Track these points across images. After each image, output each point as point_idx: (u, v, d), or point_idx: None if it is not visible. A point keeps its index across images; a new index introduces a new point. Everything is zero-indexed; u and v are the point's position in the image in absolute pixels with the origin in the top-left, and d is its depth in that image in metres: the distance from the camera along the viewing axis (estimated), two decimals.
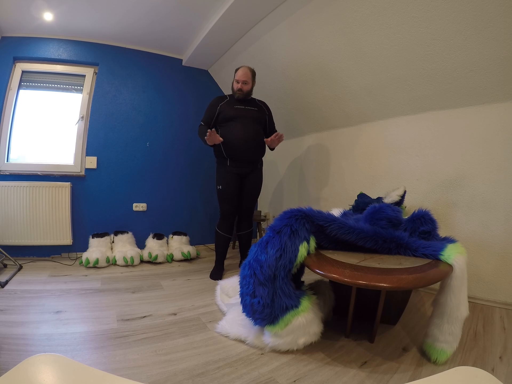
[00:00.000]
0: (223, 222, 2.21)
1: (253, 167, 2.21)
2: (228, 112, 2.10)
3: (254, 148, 2.14)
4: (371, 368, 1.12)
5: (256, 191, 2.28)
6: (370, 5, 1.73)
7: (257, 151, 2.18)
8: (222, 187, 2.15)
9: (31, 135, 2.70)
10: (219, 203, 2.21)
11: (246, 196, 2.22)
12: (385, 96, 2.11)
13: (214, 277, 2.16)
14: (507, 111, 1.63)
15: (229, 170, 2.13)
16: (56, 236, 2.55)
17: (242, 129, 2.07)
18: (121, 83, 2.90)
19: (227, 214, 2.19)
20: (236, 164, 2.13)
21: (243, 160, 2.13)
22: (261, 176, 2.30)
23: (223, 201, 2.18)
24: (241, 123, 2.09)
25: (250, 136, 2.09)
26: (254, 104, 2.21)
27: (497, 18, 1.38)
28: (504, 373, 1.06)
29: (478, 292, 1.73)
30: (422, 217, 1.43)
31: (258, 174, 2.26)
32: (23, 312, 1.49)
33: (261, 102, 2.28)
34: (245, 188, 2.21)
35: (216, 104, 2.16)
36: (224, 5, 2.17)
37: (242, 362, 1.14)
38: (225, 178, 2.14)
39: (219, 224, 2.23)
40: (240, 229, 2.34)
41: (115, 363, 1.11)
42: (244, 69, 2.12)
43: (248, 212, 2.29)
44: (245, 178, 2.19)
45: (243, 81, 2.10)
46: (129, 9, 2.30)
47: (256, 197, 2.32)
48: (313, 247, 1.32)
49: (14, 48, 2.53)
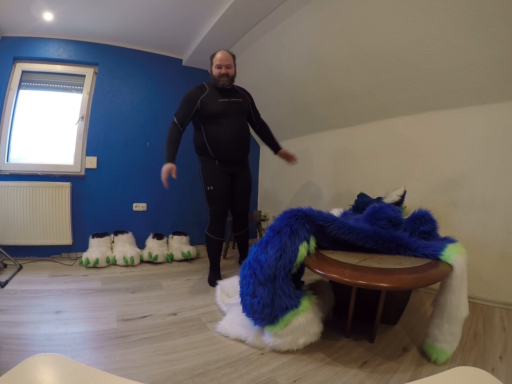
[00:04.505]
0: (214, 225, 2.03)
1: (243, 165, 2.10)
2: (212, 108, 1.89)
3: (245, 146, 2.04)
4: (371, 368, 1.12)
5: (249, 190, 2.16)
6: (370, 5, 1.73)
7: (247, 149, 2.07)
8: (213, 188, 1.97)
9: (31, 135, 2.70)
10: (209, 204, 2.03)
11: (239, 197, 2.10)
12: (385, 96, 2.11)
13: (212, 283, 2.00)
14: (507, 111, 1.63)
15: (218, 168, 1.98)
16: (56, 236, 2.55)
17: (232, 128, 1.92)
18: (121, 83, 2.90)
19: (218, 216, 2.02)
20: (225, 164, 1.99)
21: (233, 160, 2.01)
22: (250, 173, 2.17)
23: (214, 202, 2.00)
24: (230, 120, 1.92)
25: (241, 135, 1.97)
26: (236, 93, 2.02)
27: (497, 18, 1.38)
28: (504, 373, 1.06)
29: (478, 292, 1.73)
30: (422, 217, 1.43)
31: (248, 172, 2.14)
32: (23, 312, 1.49)
33: (242, 90, 2.10)
34: (237, 188, 2.08)
35: (195, 97, 1.90)
36: (224, 5, 2.17)
37: (242, 362, 1.14)
38: (214, 178, 1.98)
39: (209, 228, 2.05)
40: (236, 229, 2.24)
41: (115, 363, 1.11)
42: (224, 52, 1.89)
43: (243, 212, 2.17)
44: (235, 177, 2.06)
45: (227, 65, 1.87)
46: (129, 9, 2.30)
47: (249, 196, 2.18)
48: (313, 247, 1.32)
49: (14, 48, 2.53)
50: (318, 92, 2.49)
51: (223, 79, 1.89)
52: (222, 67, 1.88)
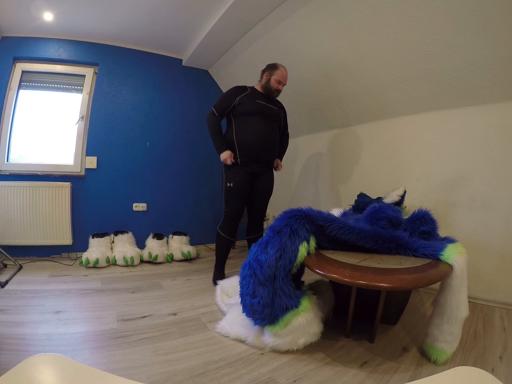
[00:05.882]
0: (228, 223, 2.02)
1: (267, 167, 2.09)
2: (248, 106, 1.94)
3: (273, 148, 2.05)
4: (371, 368, 1.12)
5: (269, 192, 2.15)
6: (370, 5, 1.73)
7: (275, 152, 2.09)
8: (233, 185, 1.96)
9: (31, 135, 2.70)
10: (226, 201, 2.01)
11: (258, 197, 2.08)
12: (385, 96, 2.11)
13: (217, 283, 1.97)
14: (507, 111, 1.63)
15: (241, 167, 1.98)
16: (56, 236, 2.55)
17: (263, 127, 1.95)
18: (121, 83, 2.90)
19: (233, 214, 2.00)
20: (249, 163, 1.98)
21: (259, 160, 2.00)
22: (273, 177, 2.16)
23: (232, 200, 1.99)
24: (262, 121, 1.95)
25: (270, 135, 1.99)
26: (275, 103, 2.09)
27: (497, 18, 1.38)
28: (504, 373, 1.06)
29: (478, 292, 1.73)
30: (422, 217, 1.43)
31: (271, 175, 2.14)
32: (23, 312, 1.49)
33: (279, 103, 2.18)
34: (257, 189, 2.06)
35: (235, 94, 1.97)
36: (224, 5, 2.17)
37: (242, 362, 1.14)
38: (237, 176, 1.97)
39: (222, 226, 2.04)
40: (250, 232, 2.18)
41: (115, 363, 1.11)
42: (285, 70, 2.00)
43: (260, 214, 2.15)
44: (258, 178, 2.05)
45: (285, 84, 2.01)
46: (129, 9, 2.30)
47: (268, 199, 2.17)
48: (313, 247, 1.32)
49: (14, 48, 2.53)
50: (318, 92, 2.49)
51: (277, 93, 2.03)
52: (281, 84, 2.00)
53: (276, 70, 1.98)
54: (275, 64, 2.02)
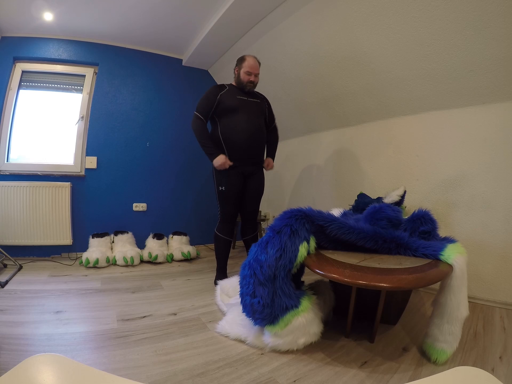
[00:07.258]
0: (224, 225, 2.03)
1: (258, 166, 2.07)
2: (229, 102, 1.91)
3: (260, 145, 2.01)
4: (371, 368, 1.12)
5: (261, 192, 2.12)
6: (370, 5, 1.73)
7: (261, 149, 2.05)
8: (225, 188, 1.94)
9: (31, 135, 2.70)
10: (221, 205, 2.01)
11: (250, 198, 2.05)
12: (385, 96, 2.11)
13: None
14: (507, 111, 1.63)
15: (231, 168, 1.93)
16: (56, 236, 2.55)
17: (247, 122, 1.90)
18: (121, 83, 2.90)
19: (229, 217, 2.01)
20: (239, 163, 1.94)
21: (248, 158, 1.97)
22: (264, 176, 2.14)
23: (225, 203, 1.98)
24: (246, 114, 1.91)
25: (256, 134, 1.94)
26: (255, 96, 2.05)
27: (497, 18, 1.38)
28: (504, 373, 1.06)
29: (478, 292, 1.73)
30: (422, 217, 1.43)
31: (262, 175, 2.11)
32: (23, 312, 1.49)
33: (261, 94, 2.12)
34: (249, 189, 2.03)
35: (215, 93, 1.93)
36: (224, 4, 2.17)
37: (242, 362, 1.14)
38: (228, 178, 1.94)
39: (219, 228, 2.04)
40: (246, 233, 2.16)
41: (115, 363, 1.11)
42: (255, 60, 1.94)
43: (253, 214, 2.13)
44: (249, 178, 2.02)
45: (256, 74, 1.94)
46: (129, 9, 2.30)
47: (260, 198, 2.14)
48: (313, 247, 1.32)
49: (14, 48, 2.53)
50: (318, 92, 2.49)
51: (250, 85, 1.95)
52: (252, 75, 1.93)
53: (243, 62, 1.93)
54: (242, 56, 1.97)
